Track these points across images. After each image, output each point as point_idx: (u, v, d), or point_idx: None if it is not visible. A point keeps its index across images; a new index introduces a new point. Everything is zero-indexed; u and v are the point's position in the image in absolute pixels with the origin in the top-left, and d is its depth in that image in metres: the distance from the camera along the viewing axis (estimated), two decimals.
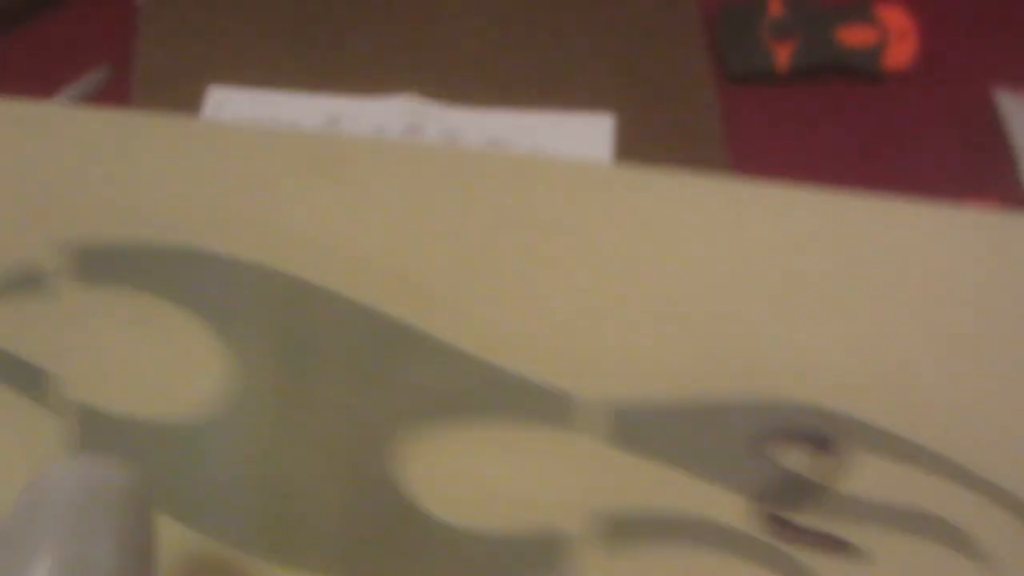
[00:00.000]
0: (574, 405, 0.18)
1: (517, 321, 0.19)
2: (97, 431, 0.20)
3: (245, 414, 0.19)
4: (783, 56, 0.53)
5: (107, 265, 0.19)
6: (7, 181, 0.19)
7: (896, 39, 0.53)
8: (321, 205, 0.19)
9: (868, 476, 0.18)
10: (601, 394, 0.18)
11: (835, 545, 0.18)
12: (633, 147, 0.51)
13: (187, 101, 0.51)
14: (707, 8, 0.56)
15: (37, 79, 0.53)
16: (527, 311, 0.19)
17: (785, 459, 0.18)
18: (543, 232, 0.19)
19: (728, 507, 0.18)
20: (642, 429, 0.18)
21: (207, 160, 0.19)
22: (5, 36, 0.55)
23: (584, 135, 0.51)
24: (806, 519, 0.18)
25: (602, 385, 0.18)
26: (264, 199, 0.19)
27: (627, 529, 0.18)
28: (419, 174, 0.19)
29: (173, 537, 0.19)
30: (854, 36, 0.54)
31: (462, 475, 0.19)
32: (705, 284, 0.18)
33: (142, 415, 0.20)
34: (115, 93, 0.53)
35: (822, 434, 0.18)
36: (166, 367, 0.20)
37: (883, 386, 0.18)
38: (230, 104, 0.51)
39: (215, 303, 0.19)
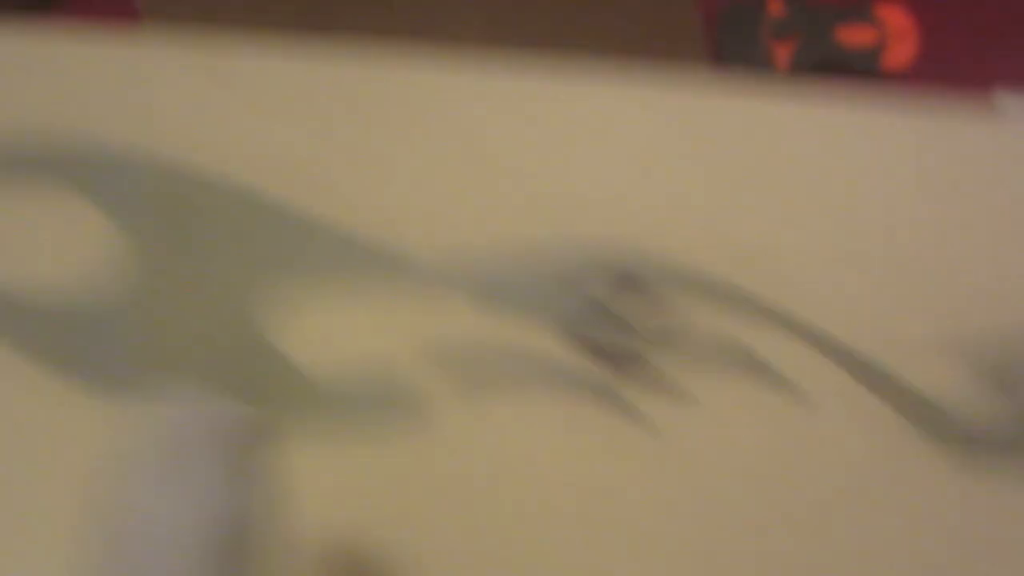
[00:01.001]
0: (416, 260, 0.21)
1: (368, 190, 0.22)
2: None
3: (134, 280, 0.22)
4: (783, 56, 0.53)
5: (6, 160, 0.22)
6: None
7: (896, 39, 0.53)
8: (204, 101, 0.22)
9: (676, 310, 0.21)
10: (438, 248, 0.21)
11: (637, 367, 0.20)
12: None
13: None
14: (707, 8, 0.56)
15: None
16: (378, 181, 0.22)
17: (604, 296, 0.21)
18: (402, 117, 0.22)
19: (552, 341, 0.21)
20: (474, 277, 0.21)
21: (95, 66, 0.22)
22: None
23: None
24: (623, 351, 0.21)
25: (439, 239, 0.21)
26: (155, 98, 0.22)
27: (463, 365, 0.21)
28: (297, 69, 0.22)
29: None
30: (854, 36, 0.54)
31: (322, 326, 0.21)
32: (530, 145, 0.22)
33: (38, 286, 0.22)
34: None
35: (637, 274, 0.21)
36: (60, 247, 0.22)
37: (698, 231, 0.21)
38: None
39: (108, 191, 0.22)
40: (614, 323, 0.21)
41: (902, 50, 0.53)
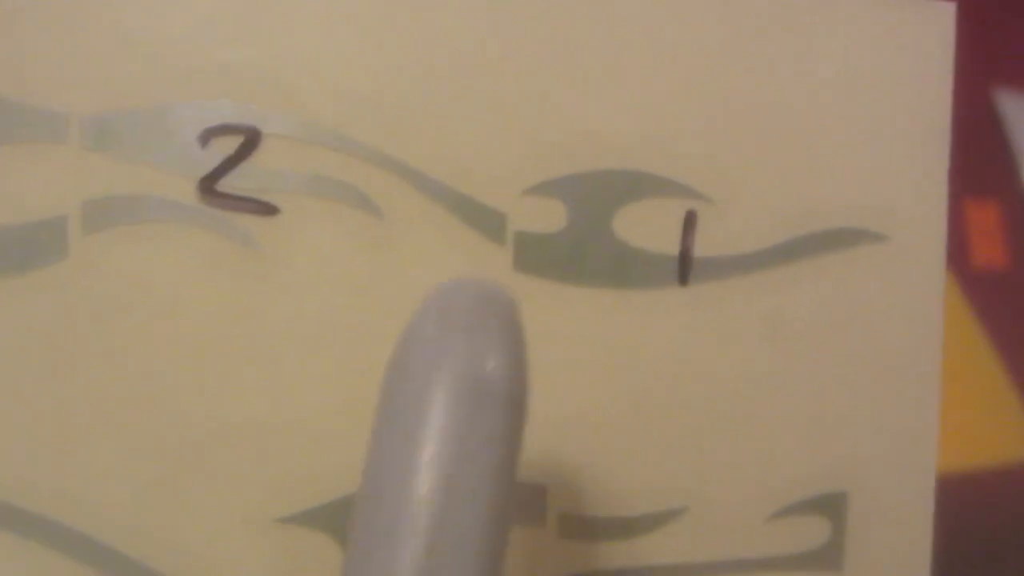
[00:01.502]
0: (63, 121, 0.24)
1: (23, 59, 0.24)
2: None
3: None
4: None
5: None
6: None
7: None
8: None
9: (286, 156, 0.25)
10: (86, 109, 0.24)
11: (258, 207, 0.24)
12: None
13: None
14: None
15: None
16: (32, 49, 0.24)
17: (220, 146, 0.25)
18: None
19: (179, 188, 0.24)
20: (113, 136, 0.24)
21: None
22: None
23: None
24: (235, 189, 0.25)
25: (87, 103, 0.24)
26: None
27: (106, 211, 0.24)
28: None
29: None
30: None
31: None
32: (165, 13, 0.25)
33: None
34: None
35: (243, 124, 0.24)
36: None
37: (305, 82, 0.25)
38: None
39: None
40: (240, 173, 0.25)
41: None
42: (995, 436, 0.42)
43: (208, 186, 0.24)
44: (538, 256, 0.26)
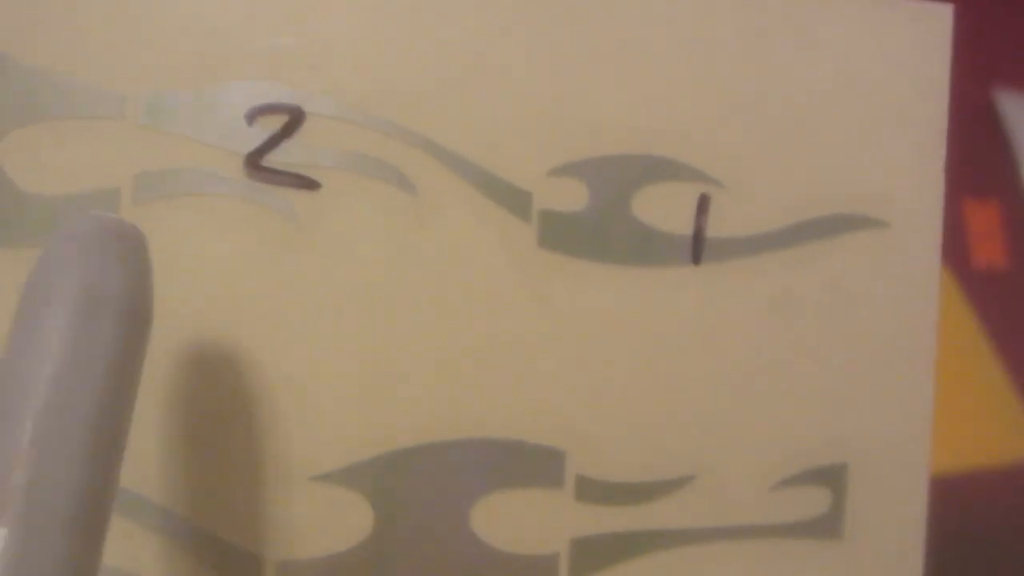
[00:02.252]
0: (119, 99, 0.26)
1: (83, 39, 0.26)
2: None
3: None
4: None
5: None
6: None
7: None
8: None
9: (328, 134, 0.27)
10: (140, 88, 0.26)
11: (301, 181, 0.26)
12: None
13: None
14: None
15: None
16: (89, 30, 0.26)
17: (266, 124, 0.26)
18: None
19: (226, 162, 0.26)
20: (166, 111, 0.26)
21: None
22: None
23: None
24: (279, 165, 0.26)
25: (142, 82, 0.26)
26: None
27: (156, 184, 0.26)
28: None
29: None
30: None
31: (45, 159, 0.26)
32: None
33: None
34: None
35: (288, 104, 0.26)
36: None
37: (345, 66, 0.27)
38: None
39: None
40: (284, 149, 0.26)
41: None
42: (995, 436, 0.43)
43: (254, 161, 0.26)
44: (561, 233, 0.27)
